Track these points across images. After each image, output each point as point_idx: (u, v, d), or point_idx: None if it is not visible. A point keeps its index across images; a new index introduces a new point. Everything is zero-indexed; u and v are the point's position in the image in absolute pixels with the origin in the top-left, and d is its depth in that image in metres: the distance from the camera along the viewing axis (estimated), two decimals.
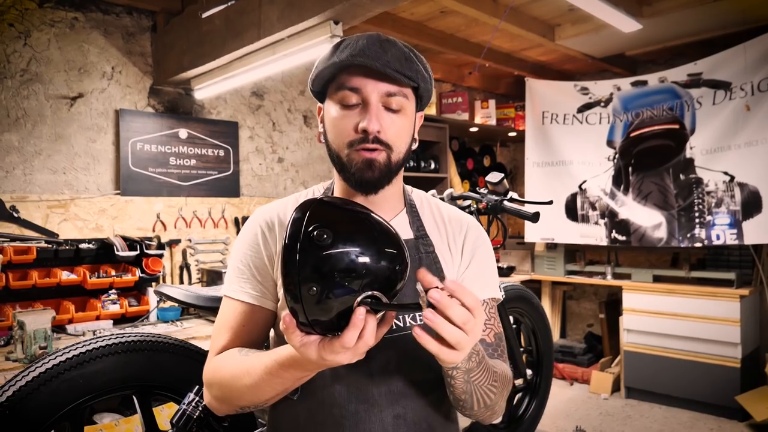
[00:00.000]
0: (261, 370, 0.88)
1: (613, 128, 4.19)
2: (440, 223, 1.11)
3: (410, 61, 0.96)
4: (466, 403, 0.94)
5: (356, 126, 0.95)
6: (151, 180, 3.09)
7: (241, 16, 2.50)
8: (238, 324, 1.03)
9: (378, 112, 0.95)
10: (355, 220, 0.80)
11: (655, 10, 3.35)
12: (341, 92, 0.96)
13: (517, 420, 2.83)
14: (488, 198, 2.36)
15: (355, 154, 0.96)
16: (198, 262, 3.25)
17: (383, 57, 0.93)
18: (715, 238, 3.67)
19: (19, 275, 2.57)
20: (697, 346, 3.67)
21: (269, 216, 1.07)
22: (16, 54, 2.68)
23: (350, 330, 0.73)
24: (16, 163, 2.67)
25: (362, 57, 0.92)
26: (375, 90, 0.95)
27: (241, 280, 1.04)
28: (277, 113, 3.70)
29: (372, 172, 0.96)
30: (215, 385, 0.98)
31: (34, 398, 1.25)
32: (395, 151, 0.98)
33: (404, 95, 0.97)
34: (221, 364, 0.98)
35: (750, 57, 3.51)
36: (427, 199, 1.15)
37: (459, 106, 4.52)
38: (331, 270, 0.73)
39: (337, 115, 0.98)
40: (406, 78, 0.94)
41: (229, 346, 1.02)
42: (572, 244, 4.42)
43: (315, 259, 0.73)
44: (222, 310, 1.06)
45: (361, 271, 0.74)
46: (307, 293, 0.72)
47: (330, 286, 0.73)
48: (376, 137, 0.95)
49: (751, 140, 3.54)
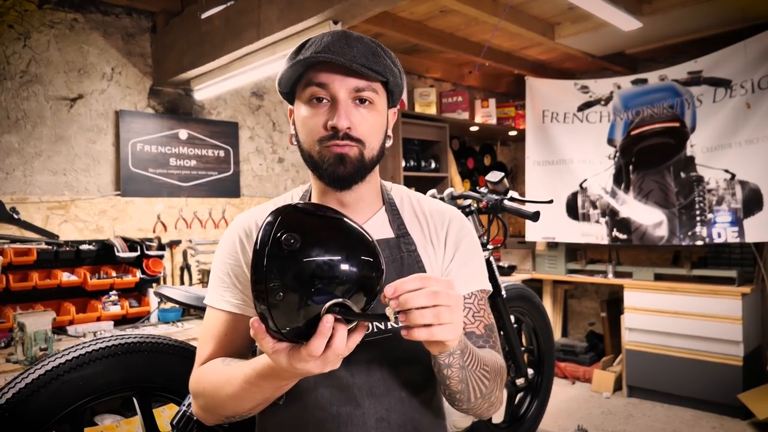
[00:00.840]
0: (241, 379, 0.87)
1: (614, 127, 4.18)
2: (421, 218, 1.09)
3: (377, 56, 0.95)
4: (463, 395, 0.92)
5: (326, 123, 0.94)
6: (152, 181, 3.09)
7: (240, 17, 2.49)
8: (221, 333, 1.02)
9: (347, 109, 0.94)
10: (327, 226, 0.78)
11: (654, 8, 3.35)
12: (309, 89, 0.95)
13: (519, 419, 2.82)
14: (488, 197, 2.35)
15: (326, 150, 0.95)
16: (199, 263, 3.25)
17: (349, 53, 0.92)
18: (717, 236, 3.66)
19: (20, 277, 2.57)
20: (699, 345, 3.66)
21: (247, 224, 1.06)
22: (15, 55, 2.67)
23: (316, 338, 0.71)
24: (16, 164, 2.67)
25: (327, 53, 0.91)
26: (343, 86, 0.94)
27: (221, 288, 1.04)
28: (277, 113, 3.70)
29: (344, 167, 0.95)
30: (200, 396, 0.98)
31: (35, 400, 1.24)
32: (368, 147, 0.97)
33: (373, 90, 0.96)
34: (204, 375, 0.97)
35: (750, 54, 3.51)
36: (407, 195, 1.13)
37: (459, 105, 4.51)
38: (298, 276, 0.71)
39: (307, 113, 0.97)
40: (374, 72, 0.93)
41: (213, 356, 1.01)
42: (573, 242, 4.41)
43: (282, 265, 0.72)
44: (205, 320, 1.06)
45: (329, 278, 0.72)
46: (274, 299, 0.71)
47: (297, 292, 0.71)
48: (347, 134, 0.94)
49: (752, 138, 3.54)
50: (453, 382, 0.89)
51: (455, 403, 0.96)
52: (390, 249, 1.02)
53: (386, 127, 1.03)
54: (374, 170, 1.03)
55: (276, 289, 0.71)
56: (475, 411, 0.98)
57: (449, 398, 0.96)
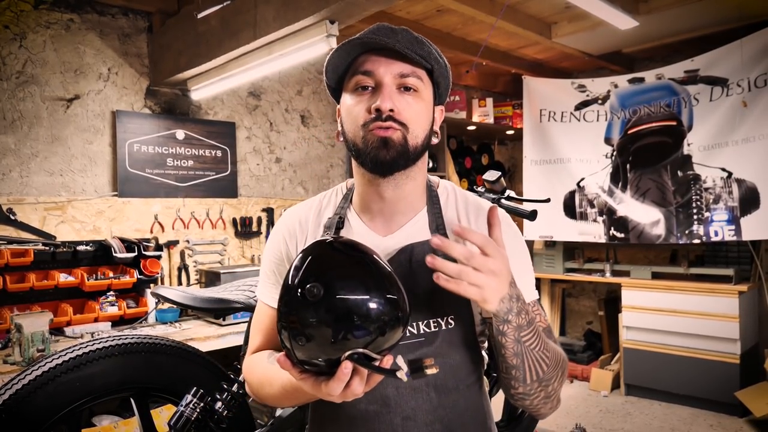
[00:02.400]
0: (279, 385, 0.93)
1: (611, 125, 4.19)
2: (464, 216, 1.06)
3: (421, 43, 0.96)
4: (519, 372, 0.91)
5: (369, 107, 0.94)
6: (149, 181, 3.08)
7: (236, 16, 2.49)
8: (267, 326, 1.07)
9: (391, 92, 0.94)
10: (356, 273, 0.79)
11: (651, 7, 3.35)
12: (355, 78, 0.96)
13: (517, 418, 2.82)
14: (486, 196, 2.36)
15: (370, 134, 0.94)
16: (196, 263, 3.24)
17: (394, 37, 0.94)
18: (714, 235, 3.67)
19: (17, 278, 2.57)
20: (697, 343, 3.67)
21: (291, 223, 1.09)
22: (11, 56, 2.67)
23: (334, 381, 0.75)
24: (12, 165, 2.67)
25: (374, 36, 0.93)
26: (388, 71, 0.94)
27: (268, 284, 1.09)
28: (275, 113, 3.70)
29: (387, 150, 0.93)
30: (249, 382, 1.07)
31: (32, 401, 1.24)
32: (412, 133, 0.94)
33: (418, 77, 0.96)
34: (253, 367, 1.05)
35: (746, 53, 3.51)
36: (453, 192, 1.10)
37: (456, 104, 4.51)
38: (319, 323, 0.74)
39: (352, 101, 0.97)
40: (418, 56, 0.94)
41: (261, 347, 1.08)
42: (571, 241, 4.42)
43: (304, 314, 0.74)
44: (257, 310, 1.13)
45: (350, 328, 0.74)
46: (296, 342, 0.75)
47: (317, 338, 0.74)
48: (390, 116, 0.92)
49: (749, 136, 3.54)
50: (507, 353, 0.90)
51: (511, 386, 0.95)
52: (425, 252, 0.98)
53: (432, 120, 1.01)
54: (419, 166, 1.01)
55: (298, 335, 0.75)
56: (532, 400, 0.96)
57: (506, 379, 0.95)
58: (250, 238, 3.51)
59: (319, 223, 1.07)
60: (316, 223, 1.06)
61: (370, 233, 1.02)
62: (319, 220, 1.07)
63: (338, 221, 1.03)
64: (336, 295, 0.75)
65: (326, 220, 1.06)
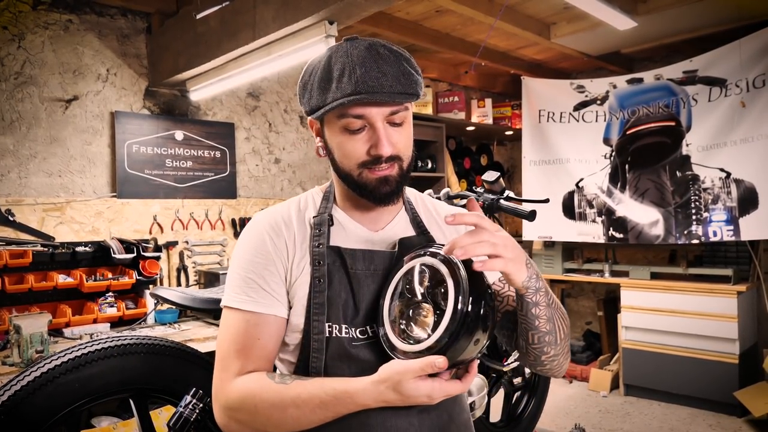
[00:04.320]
0: (316, 402, 0.89)
1: (610, 126, 4.19)
2: (437, 217, 1.15)
3: (408, 75, 0.95)
4: (552, 336, 0.97)
5: (368, 150, 0.97)
6: (148, 182, 3.08)
7: (235, 17, 2.49)
8: (252, 338, 0.97)
9: (386, 134, 0.96)
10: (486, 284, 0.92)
11: (649, 8, 3.35)
12: (345, 119, 0.96)
13: (516, 418, 2.82)
14: (485, 197, 2.36)
15: (369, 174, 0.98)
16: (195, 264, 3.24)
17: (385, 83, 0.92)
18: (712, 235, 3.68)
19: (15, 279, 2.56)
20: (695, 343, 3.67)
21: (274, 222, 1.05)
22: (10, 57, 2.67)
23: (470, 377, 0.89)
24: (11, 166, 2.66)
25: (365, 88, 0.91)
26: (380, 114, 0.95)
27: (249, 289, 0.99)
28: (274, 114, 3.70)
29: (388, 186, 0.99)
30: (245, 412, 0.93)
31: (31, 402, 1.24)
32: (405, 161, 1.01)
33: (405, 108, 0.99)
34: (255, 392, 0.93)
35: (745, 54, 3.52)
36: (420, 197, 1.19)
37: (455, 105, 4.51)
38: (481, 339, 0.88)
39: (344, 139, 0.98)
40: (407, 95, 0.95)
41: (247, 368, 0.96)
42: (570, 242, 4.42)
43: (478, 332, 0.87)
44: (229, 325, 0.99)
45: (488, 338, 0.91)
46: (460, 353, 0.87)
47: (474, 350, 0.89)
48: (389, 156, 0.97)
49: (747, 137, 3.55)
50: (542, 322, 0.95)
51: (543, 353, 1.00)
52: (414, 246, 1.05)
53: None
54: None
55: (464, 347, 0.86)
56: (560, 359, 1.03)
57: (536, 350, 0.99)
58: None
59: (302, 221, 1.05)
60: (300, 221, 1.05)
61: (362, 229, 1.07)
62: (302, 219, 1.06)
63: (329, 219, 1.04)
64: (491, 308, 0.89)
65: (312, 219, 1.05)
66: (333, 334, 0.97)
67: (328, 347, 0.97)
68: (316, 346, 0.97)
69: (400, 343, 0.91)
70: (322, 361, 0.97)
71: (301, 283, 1.00)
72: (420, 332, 0.91)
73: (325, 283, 0.98)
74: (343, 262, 1.00)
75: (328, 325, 0.97)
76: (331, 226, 1.04)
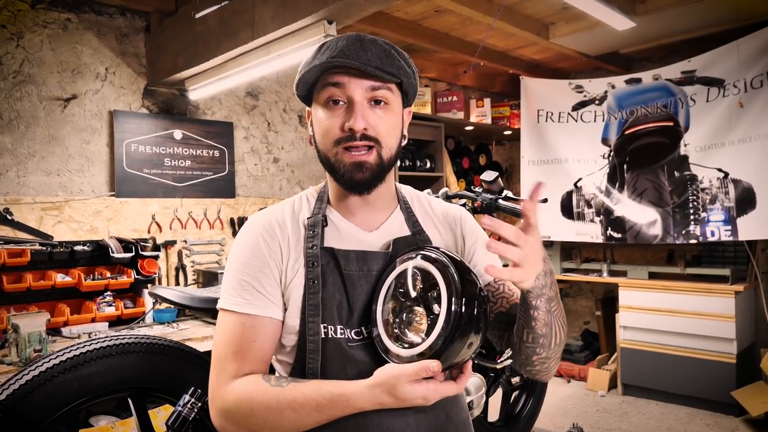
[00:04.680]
0: (312, 405, 0.89)
1: (608, 126, 4.20)
2: (433, 216, 1.14)
3: (391, 58, 0.97)
4: (546, 339, 0.97)
5: (342, 125, 0.96)
6: (146, 181, 3.08)
7: (234, 16, 2.49)
8: (248, 340, 0.97)
9: (363, 110, 0.96)
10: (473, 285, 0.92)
11: (648, 8, 3.36)
12: (325, 90, 0.98)
13: (515, 418, 2.83)
14: (483, 197, 2.36)
15: (344, 155, 0.98)
16: (194, 264, 3.24)
17: (363, 56, 0.94)
18: (710, 235, 3.68)
19: (14, 278, 2.56)
20: (693, 343, 3.68)
21: (268, 224, 1.04)
22: (8, 55, 2.66)
23: (465, 377, 0.91)
24: (9, 165, 2.66)
25: (342, 57, 0.94)
26: (358, 87, 0.96)
27: (245, 292, 0.99)
28: (272, 113, 3.70)
29: (362, 173, 0.98)
30: (241, 414, 0.93)
31: (29, 401, 1.24)
32: (385, 147, 0.99)
33: (388, 89, 0.99)
34: (251, 395, 0.92)
35: (743, 54, 3.52)
36: (417, 195, 1.18)
37: (454, 105, 4.52)
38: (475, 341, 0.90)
39: (324, 115, 0.99)
40: (388, 74, 0.96)
41: (242, 370, 0.96)
42: (568, 241, 4.43)
43: (473, 333, 0.88)
44: (225, 327, 0.99)
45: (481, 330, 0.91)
46: (455, 356, 0.87)
47: (468, 352, 0.90)
48: (364, 134, 0.96)
49: (745, 137, 3.56)
50: (538, 325, 0.94)
51: (535, 353, 0.99)
52: (409, 246, 1.04)
53: (402, 127, 1.06)
54: (391, 170, 1.06)
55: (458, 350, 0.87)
56: (550, 363, 1.03)
57: (529, 348, 0.99)
58: None
59: (296, 222, 1.06)
60: (294, 223, 1.05)
61: (355, 229, 1.06)
62: (296, 220, 1.06)
63: (322, 219, 1.04)
64: (485, 310, 0.91)
65: (306, 220, 1.05)
66: (329, 335, 0.98)
67: (325, 348, 0.97)
68: (312, 348, 0.97)
69: (393, 347, 0.91)
70: (318, 362, 0.97)
71: (296, 284, 1.00)
72: (413, 336, 0.91)
73: (319, 284, 0.99)
74: (337, 263, 1.00)
75: (323, 326, 0.98)
76: (325, 227, 1.04)
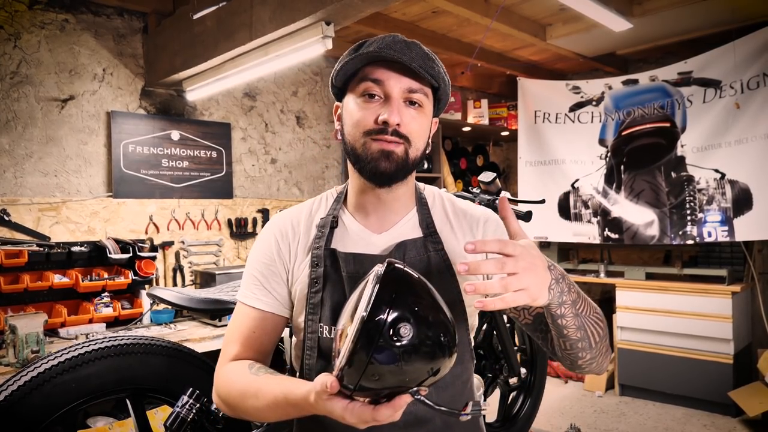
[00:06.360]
0: (270, 399, 0.89)
1: (605, 127, 4.21)
2: (453, 218, 1.11)
3: (432, 62, 0.99)
4: (584, 342, 0.94)
5: (376, 118, 0.96)
6: (144, 182, 3.07)
7: (232, 17, 2.49)
8: (249, 330, 1.05)
9: (399, 106, 0.96)
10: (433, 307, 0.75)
11: (645, 9, 3.37)
12: (364, 84, 0.97)
13: (512, 418, 2.83)
14: (480, 197, 2.36)
15: (372, 143, 0.97)
16: (191, 264, 3.24)
17: (408, 53, 0.95)
18: (707, 236, 3.69)
19: (11, 279, 2.55)
20: (690, 343, 3.69)
21: (283, 225, 1.09)
22: (6, 56, 2.66)
23: (387, 409, 0.73)
24: (6, 165, 2.66)
25: (389, 50, 0.94)
26: (398, 84, 0.96)
27: (254, 287, 1.07)
28: (270, 114, 3.70)
29: (388, 162, 0.97)
30: (224, 394, 1.00)
31: (26, 402, 1.24)
32: (413, 147, 0.99)
33: (424, 93, 0.99)
34: (231, 378, 0.99)
35: (739, 55, 3.54)
36: (440, 196, 1.15)
37: (452, 105, 4.52)
38: (400, 365, 0.71)
39: (358, 107, 0.99)
40: (429, 76, 0.97)
41: (239, 355, 1.04)
42: (565, 242, 4.43)
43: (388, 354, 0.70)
44: (235, 316, 1.09)
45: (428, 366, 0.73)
46: (367, 377, 0.71)
47: (391, 376, 0.71)
48: (396, 130, 0.96)
49: (741, 138, 3.57)
50: (570, 331, 0.91)
51: (579, 357, 0.96)
52: (417, 248, 1.04)
53: (429, 133, 1.05)
54: (414, 171, 1.05)
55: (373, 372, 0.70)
56: (599, 360, 0.99)
57: (571, 355, 0.96)
58: (245, 239, 3.50)
59: (310, 224, 1.09)
60: (308, 224, 1.09)
61: (364, 231, 1.06)
62: (310, 222, 1.09)
63: (332, 221, 1.06)
64: (424, 335, 0.71)
65: (319, 220, 1.08)
66: (324, 334, 1.00)
67: (320, 347, 1.00)
68: (309, 345, 1.01)
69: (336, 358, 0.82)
70: (314, 359, 1.00)
71: (302, 284, 1.04)
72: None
73: (320, 284, 1.01)
74: (338, 264, 1.02)
75: (320, 325, 1.01)
76: (334, 228, 1.06)
